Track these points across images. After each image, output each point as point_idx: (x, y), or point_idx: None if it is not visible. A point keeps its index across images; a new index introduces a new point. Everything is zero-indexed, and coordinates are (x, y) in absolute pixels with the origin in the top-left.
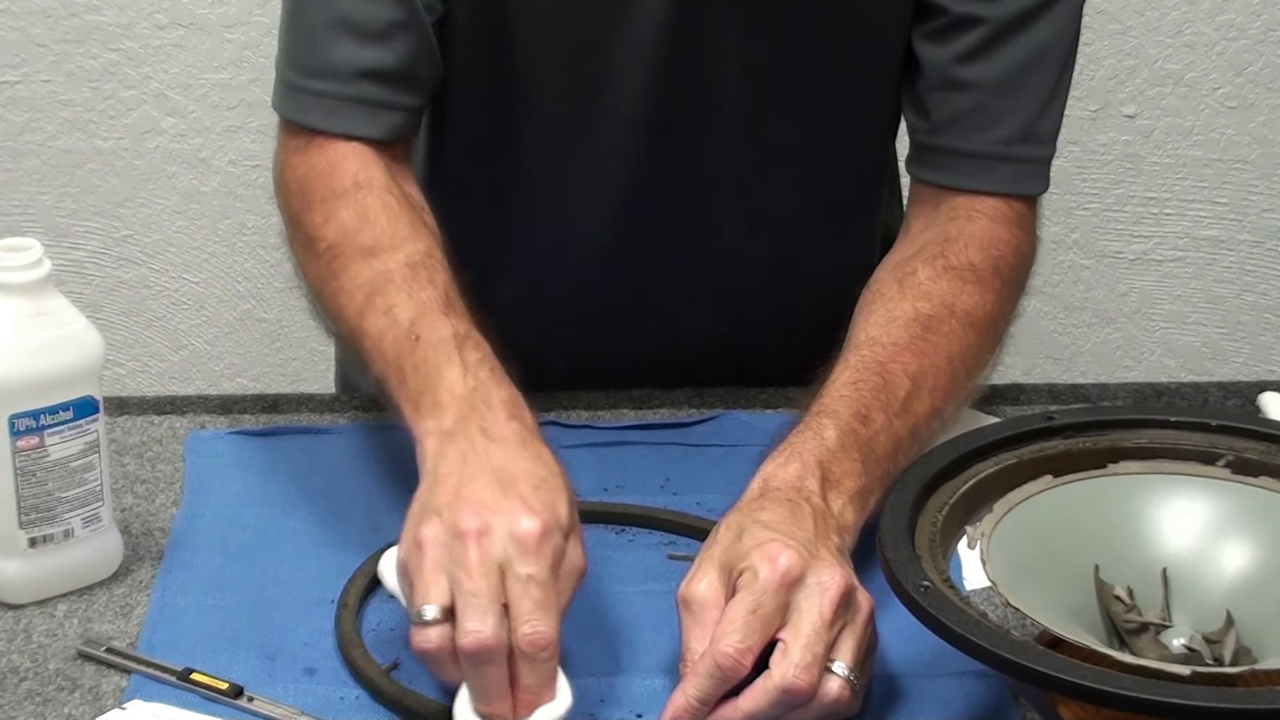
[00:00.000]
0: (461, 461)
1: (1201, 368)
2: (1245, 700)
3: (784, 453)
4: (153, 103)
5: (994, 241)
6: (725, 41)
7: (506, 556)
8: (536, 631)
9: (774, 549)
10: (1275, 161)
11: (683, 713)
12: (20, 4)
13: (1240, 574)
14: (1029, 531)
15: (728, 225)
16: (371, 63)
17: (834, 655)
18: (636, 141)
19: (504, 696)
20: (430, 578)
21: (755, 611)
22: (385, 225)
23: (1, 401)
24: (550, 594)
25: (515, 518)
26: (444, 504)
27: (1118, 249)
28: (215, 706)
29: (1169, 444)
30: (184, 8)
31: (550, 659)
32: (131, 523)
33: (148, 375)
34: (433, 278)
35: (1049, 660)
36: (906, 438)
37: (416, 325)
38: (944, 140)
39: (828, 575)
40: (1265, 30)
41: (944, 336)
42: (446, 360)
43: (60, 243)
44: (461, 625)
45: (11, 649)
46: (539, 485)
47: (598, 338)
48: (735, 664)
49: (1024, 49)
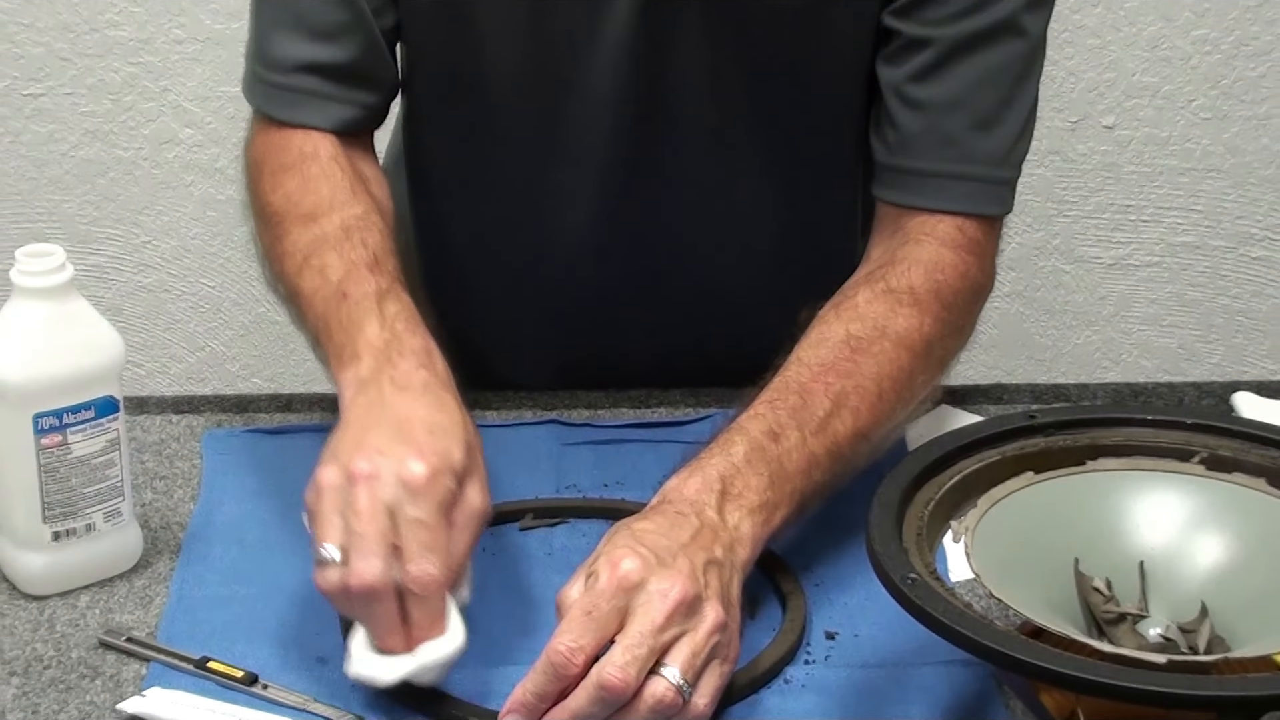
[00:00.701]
0: (368, 410)
1: (1177, 368)
2: (1219, 688)
3: (689, 468)
4: (171, 114)
5: (939, 265)
6: (690, 51)
7: (396, 499)
8: (422, 570)
9: (619, 554)
10: (1247, 170)
11: (519, 706)
12: (44, 19)
13: (1214, 566)
14: (1012, 526)
15: (703, 229)
16: (322, 58)
17: (666, 660)
18: (609, 149)
19: (394, 632)
20: (327, 520)
21: (590, 613)
22: (325, 192)
23: (26, 401)
24: (438, 535)
25: (405, 462)
26: (344, 450)
27: (1096, 254)
28: (231, 694)
29: (1146, 442)
30: (201, 24)
31: (438, 597)
32: (151, 517)
33: (166, 376)
34: (364, 239)
35: (1031, 649)
36: (823, 455)
37: (344, 283)
38: (896, 159)
39: (668, 582)
40: (1237, 45)
41: (873, 357)
42: (366, 314)
43: (82, 248)
44: (350, 566)
45: (36, 638)
46: (434, 430)
47: (581, 341)
48: (566, 662)
49: (974, 70)
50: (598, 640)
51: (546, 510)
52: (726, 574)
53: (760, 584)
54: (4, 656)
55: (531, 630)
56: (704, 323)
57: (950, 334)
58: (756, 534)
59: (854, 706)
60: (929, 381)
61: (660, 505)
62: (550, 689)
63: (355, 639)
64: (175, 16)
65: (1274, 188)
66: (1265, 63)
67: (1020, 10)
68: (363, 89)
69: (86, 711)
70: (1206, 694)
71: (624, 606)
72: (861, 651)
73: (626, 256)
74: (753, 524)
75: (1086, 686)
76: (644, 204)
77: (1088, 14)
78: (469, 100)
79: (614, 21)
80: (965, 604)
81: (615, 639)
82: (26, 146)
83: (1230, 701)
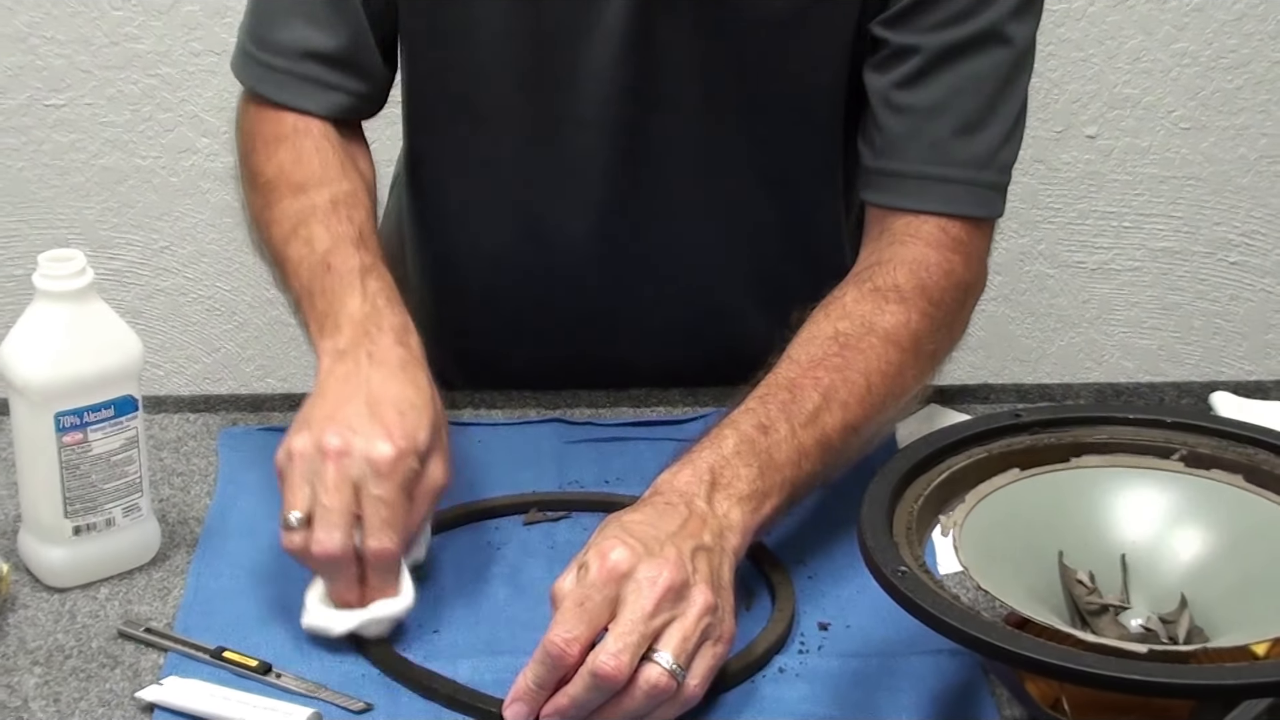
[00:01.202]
0: (344, 382)
1: (1157, 369)
2: (1198, 676)
3: (680, 461)
4: (188, 124)
5: (923, 264)
6: (679, 53)
7: (362, 476)
8: (381, 546)
9: (608, 545)
10: (1225, 179)
11: (522, 694)
12: (66, 33)
13: (1193, 559)
14: (998, 520)
15: (697, 230)
16: (314, 44)
17: (658, 646)
18: (603, 152)
19: (351, 591)
20: (296, 487)
21: (583, 604)
22: (316, 166)
23: (48, 400)
24: (397, 512)
25: (373, 442)
26: (317, 419)
27: (1080, 259)
28: (246, 682)
29: (1127, 439)
30: (217, 37)
31: (392, 567)
32: (168, 512)
33: (183, 376)
34: (351, 215)
35: (1017, 639)
36: (812, 447)
37: (329, 255)
38: (881, 163)
39: (656, 570)
40: (1215, 58)
41: (861, 353)
42: (349, 288)
43: (102, 253)
44: (314, 534)
45: (58, 629)
46: (405, 411)
47: (581, 340)
48: (562, 652)
49: (957, 76)
50: (591, 629)
51: (549, 504)
52: (716, 559)
53: (752, 577)
54: (27, 646)
55: (534, 621)
56: (699, 323)
57: (938, 330)
58: (746, 521)
59: (846, 694)
60: (919, 376)
61: (651, 497)
62: (549, 678)
63: (311, 594)
64: (192, 30)
65: (1250, 195)
66: (1242, 75)
67: (1004, 19)
68: (352, 76)
69: (106, 699)
70: (1186, 682)
71: (615, 596)
72: (853, 641)
73: (623, 256)
74: (742, 512)
75: (1070, 675)
76: (639, 203)
77: (1071, 28)
78: (466, 108)
79: (606, 21)
80: (953, 596)
81: (609, 627)
82: (49, 155)
83: (1208, 690)
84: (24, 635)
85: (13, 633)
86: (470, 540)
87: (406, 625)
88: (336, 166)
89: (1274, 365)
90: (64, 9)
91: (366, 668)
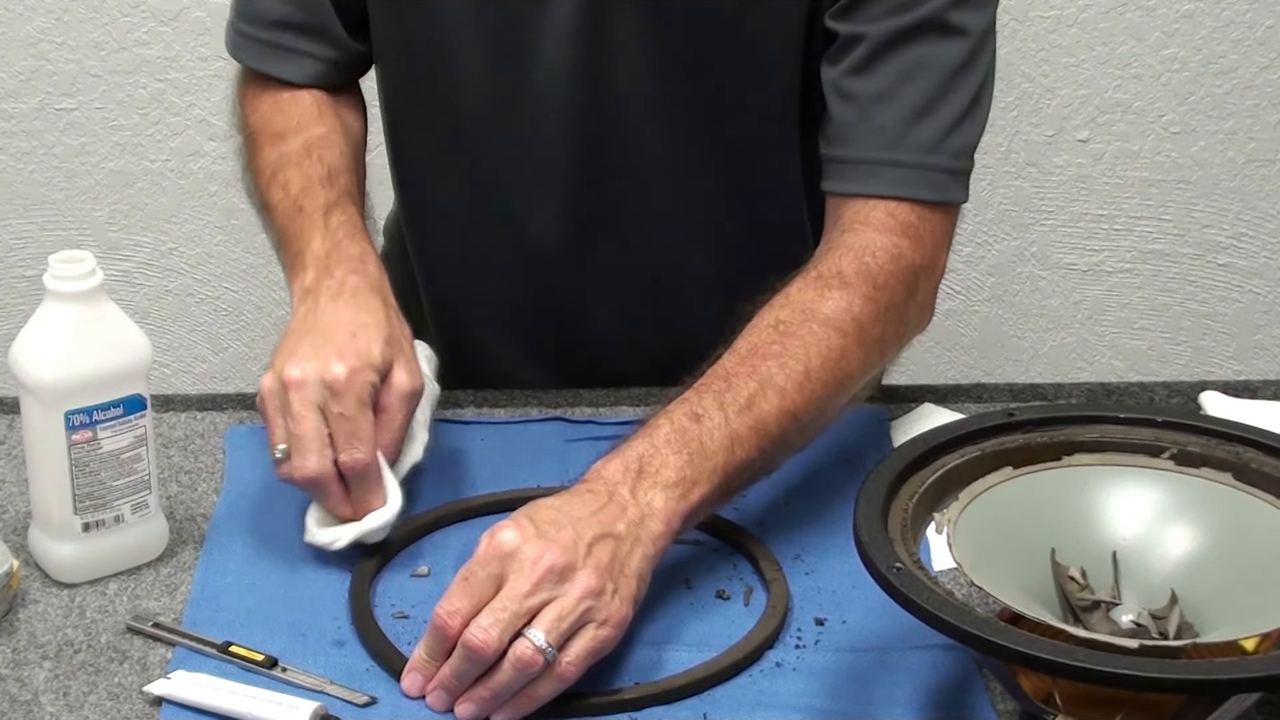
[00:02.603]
0: (304, 319)
1: (1148, 369)
2: (1187, 671)
3: (614, 451)
4: (196, 128)
5: (868, 249)
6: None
7: (323, 399)
8: (351, 457)
9: (501, 525)
10: (1214, 182)
11: (416, 664)
12: (76, 38)
13: (1183, 556)
14: (991, 518)
15: (663, 215)
16: (282, 14)
17: (533, 624)
18: (566, 138)
19: (341, 505)
20: (273, 422)
21: (468, 579)
22: (294, 114)
23: (58, 399)
24: (360, 424)
25: (327, 365)
26: (279, 358)
27: (1071, 261)
28: (252, 676)
29: (1118, 438)
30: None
31: (372, 474)
32: (176, 509)
33: (191, 375)
34: (322, 156)
35: (1010, 635)
36: (747, 434)
37: (300, 198)
38: (833, 150)
39: (539, 550)
40: (1205, 64)
41: (800, 339)
42: (313, 226)
43: (112, 255)
44: (292, 461)
45: (67, 624)
46: (356, 332)
47: (565, 337)
48: (445, 624)
49: (903, 63)
50: (473, 604)
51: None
52: (625, 547)
53: (748, 574)
54: (37, 641)
55: None
56: (669, 318)
57: (883, 314)
58: (670, 508)
59: (842, 689)
60: (865, 362)
61: (578, 484)
62: (438, 649)
63: (310, 516)
64: (200, 36)
65: (1239, 198)
66: (1231, 80)
67: (947, 8)
68: (318, 43)
69: (115, 693)
70: (1176, 677)
71: (498, 573)
72: (849, 636)
73: (593, 252)
74: (665, 499)
75: (1062, 670)
76: (607, 195)
77: (1063, 34)
78: (435, 92)
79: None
80: (947, 592)
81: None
82: (59, 158)
83: (1198, 684)
84: (34, 630)
85: (23, 628)
86: (472, 537)
87: (413, 622)
88: (313, 113)
89: (1262, 365)
90: (74, 15)
91: (370, 661)
